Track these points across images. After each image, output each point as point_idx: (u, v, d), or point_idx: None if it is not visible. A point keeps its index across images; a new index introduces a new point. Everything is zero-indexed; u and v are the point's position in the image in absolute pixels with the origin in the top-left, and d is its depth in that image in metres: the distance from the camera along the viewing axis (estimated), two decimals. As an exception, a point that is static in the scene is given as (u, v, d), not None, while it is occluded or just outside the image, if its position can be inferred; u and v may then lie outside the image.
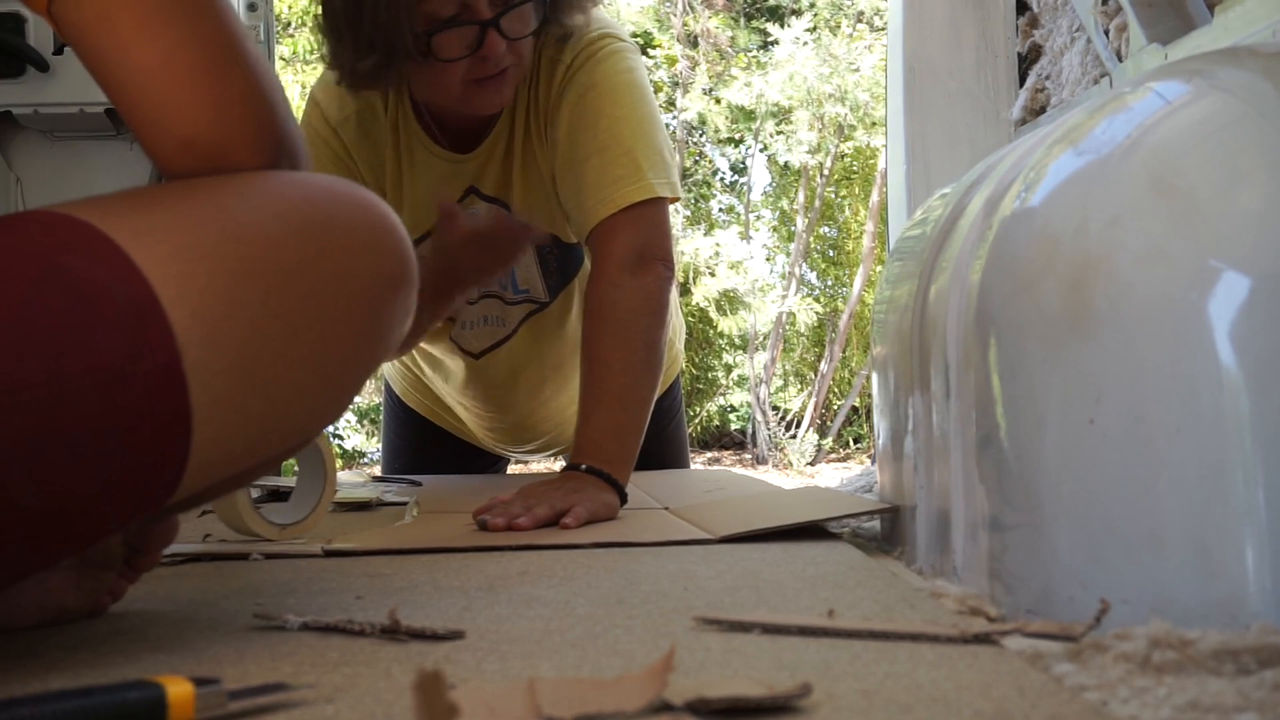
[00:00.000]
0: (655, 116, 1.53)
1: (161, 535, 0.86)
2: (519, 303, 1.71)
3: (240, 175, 0.74)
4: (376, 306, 0.77)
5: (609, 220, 1.46)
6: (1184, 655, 0.61)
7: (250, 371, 0.69)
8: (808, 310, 7.67)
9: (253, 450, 0.73)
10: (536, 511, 1.26)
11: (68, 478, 0.64)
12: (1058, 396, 0.78)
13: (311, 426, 0.78)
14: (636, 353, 1.44)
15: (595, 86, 1.49)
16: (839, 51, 7.15)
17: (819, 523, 1.22)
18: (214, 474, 0.71)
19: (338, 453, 7.13)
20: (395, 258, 0.78)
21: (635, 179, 1.47)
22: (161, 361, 0.64)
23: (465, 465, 2.08)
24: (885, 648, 0.69)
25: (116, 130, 2.28)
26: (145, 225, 0.68)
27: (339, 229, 0.75)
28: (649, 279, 1.46)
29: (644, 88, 1.53)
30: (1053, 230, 0.82)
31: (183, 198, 0.72)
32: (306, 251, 0.73)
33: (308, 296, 0.72)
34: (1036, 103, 1.88)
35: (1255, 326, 0.70)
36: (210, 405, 0.67)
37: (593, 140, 1.48)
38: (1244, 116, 0.76)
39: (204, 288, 0.67)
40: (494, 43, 1.37)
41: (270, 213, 0.73)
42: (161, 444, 0.66)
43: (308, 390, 0.74)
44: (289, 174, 0.77)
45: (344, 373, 0.77)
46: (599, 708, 0.52)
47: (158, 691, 0.54)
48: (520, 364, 1.79)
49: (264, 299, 0.70)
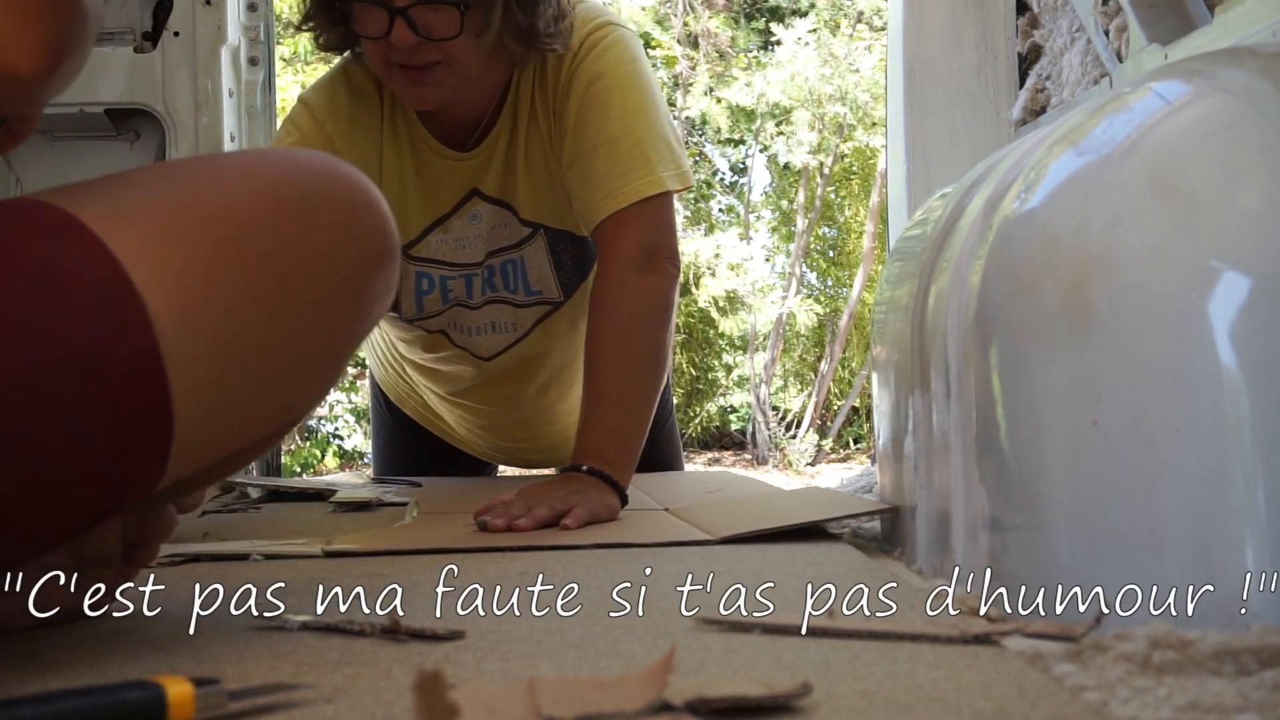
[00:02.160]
0: (661, 105, 1.52)
1: (158, 528, 0.85)
2: (532, 305, 1.69)
3: (216, 155, 0.73)
4: (357, 284, 0.76)
5: (617, 215, 1.46)
6: (1184, 655, 0.61)
7: (230, 354, 0.68)
8: (807, 311, 7.67)
9: (238, 433, 0.73)
10: (537, 512, 1.26)
11: (47, 466, 0.63)
12: (1058, 397, 0.78)
13: (297, 407, 0.77)
14: (640, 354, 1.43)
15: (602, 76, 1.48)
16: (839, 51, 7.16)
17: (819, 523, 1.22)
18: (200, 458, 0.70)
19: (337, 453, 7.13)
20: (376, 233, 0.77)
21: (644, 172, 1.46)
22: (138, 347, 0.64)
23: (455, 472, 2.06)
24: (885, 648, 0.68)
25: (116, 130, 2.28)
26: (118, 209, 0.67)
27: (318, 206, 0.74)
28: (656, 278, 1.45)
29: (649, 77, 1.53)
30: (1053, 230, 0.82)
31: (156, 180, 0.71)
32: (285, 231, 0.72)
33: (287, 277, 0.71)
34: (1036, 103, 1.88)
35: (1255, 326, 0.70)
36: (190, 389, 0.66)
37: (601, 131, 1.47)
38: (1244, 116, 0.76)
39: (180, 271, 0.66)
40: (400, 32, 1.35)
41: (246, 190, 0.72)
42: (142, 430, 0.65)
43: (290, 371, 0.74)
44: (265, 151, 0.76)
45: (326, 352, 0.76)
46: (599, 708, 0.52)
47: (158, 691, 0.54)
48: (532, 363, 1.77)
49: (242, 280, 0.69)
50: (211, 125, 2.20)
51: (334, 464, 7.05)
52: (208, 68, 2.21)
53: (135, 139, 2.28)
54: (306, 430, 7.13)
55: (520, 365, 1.77)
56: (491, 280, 1.66)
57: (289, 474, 5.66)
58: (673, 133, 1.53)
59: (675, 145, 1.51)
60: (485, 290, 1.67)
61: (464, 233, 1.61)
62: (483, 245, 1.62)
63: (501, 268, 1.64)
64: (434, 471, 2.03)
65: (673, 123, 1.57)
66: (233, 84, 2.24)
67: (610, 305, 1.44)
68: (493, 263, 1.64)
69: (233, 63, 2.25)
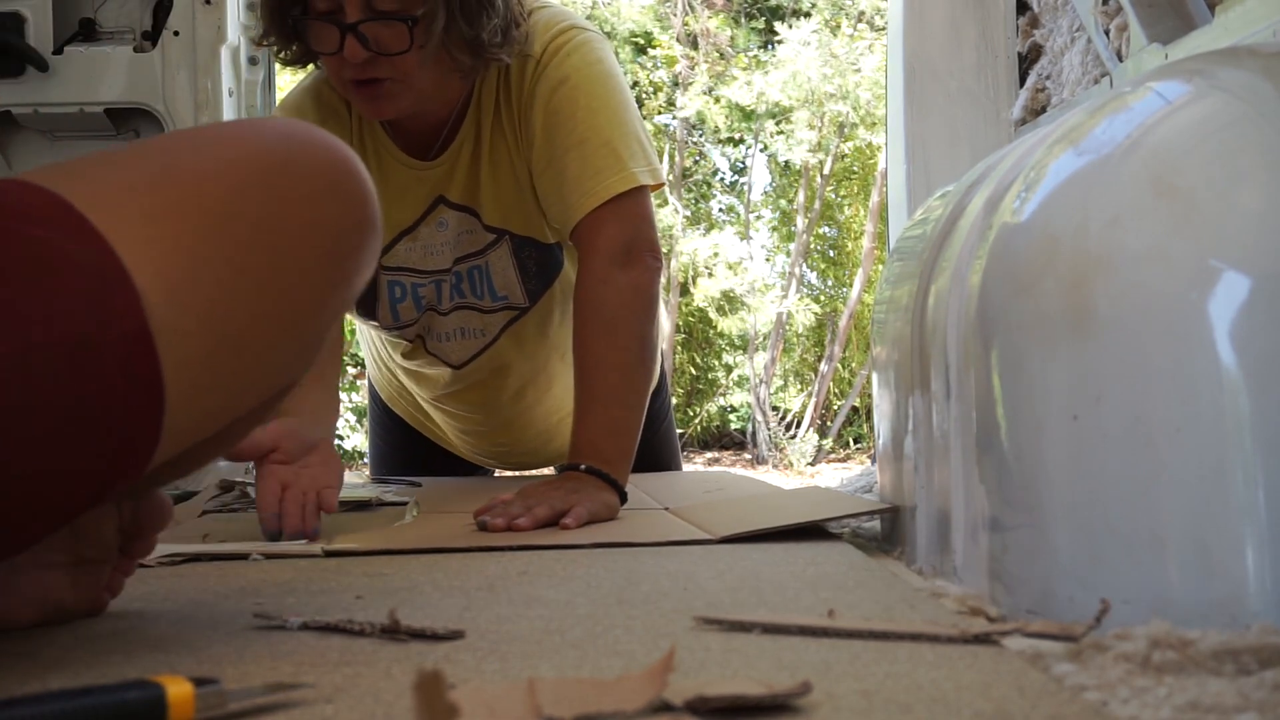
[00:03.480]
0: (630, 103, 1.53)
1: (154, 517, 0.85)
2: (498, 310, 1.69)
3: (198, 128, 0.73)
4: (342, 252, 0.76)
5: (593, 214, 1.46)
6: (1184, 655, 0.61)
7: (219, 329, 0.68)
8: (805, 311, 7.67)
9: (227, 408, 0.73)
10: (536, 512, 1.26)
11: (38, 450, 0.63)
12: (1058, 397, 0.78)
13: (282, 379, 0.77)
14: (629, 349, 1.43)
15: (567, 80, 1.48)
16: (840, 51, 7.16)
17: (819, 523, 1.22)
18: (191, 435, 0.70)
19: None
20: (358, 201, 0.77)
21: (617, 169, 1.46)
22: (129, 327, 0.64)
23: (449, 473, 2.06)
24: (885, 648, 0.68)
25: (116, 130, 2.28)
26: (104, 189, 0.67)
27: (301, 175, 0.74)
28: (638, 272, 1.45)
29: (616, 76, 1.53)
30: (1053, 230, 0.82)
31: (140, 157, 0.71)
32: (269, 201, 0.72)
33: (273, 248, 0.71)
34: (1037, 103, 1.88)
35: (1255, 326, 0.70)
36: (181, 366, 0.66)
37: (570, 134, 1.47)
38: (1244, 116, 0.76)
39: (169, 249, 0.66)
40: (352, 48, 1.37)
41: (228, 161, 0.72)
42: (134, 410, 0.65)
43: (277, 343, 0.74)
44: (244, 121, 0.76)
45: (312, 320, 0.76)
46: (599, 708, 0.52)
47: (157, 691, 0.54)
48: (502, 369, 1.78)
49: (230, 254, 0.69)
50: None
51: (334, 464, 7.04)
52: (207, 67, 2.21)
53: (135, 138, 2.29)
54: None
55: (492, 374, 1.78)
56: (459, 286, 1.66)
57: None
58: (642, 130, 1.53)
59: (645, 142, 1.51)
60: (454, 296, 1.67)
61: (431, 240, 1.62)
62: (450, 251, 1.63)
63: (469, 273, 1.65)
64: (430, 472, 2.03)
65: (641, 121, 1.57)
66: (232, 84, 2.25)
67: (595, 303, 1.44)
68: (460, 269, 1.64)
69: (232, 62, 2.25)
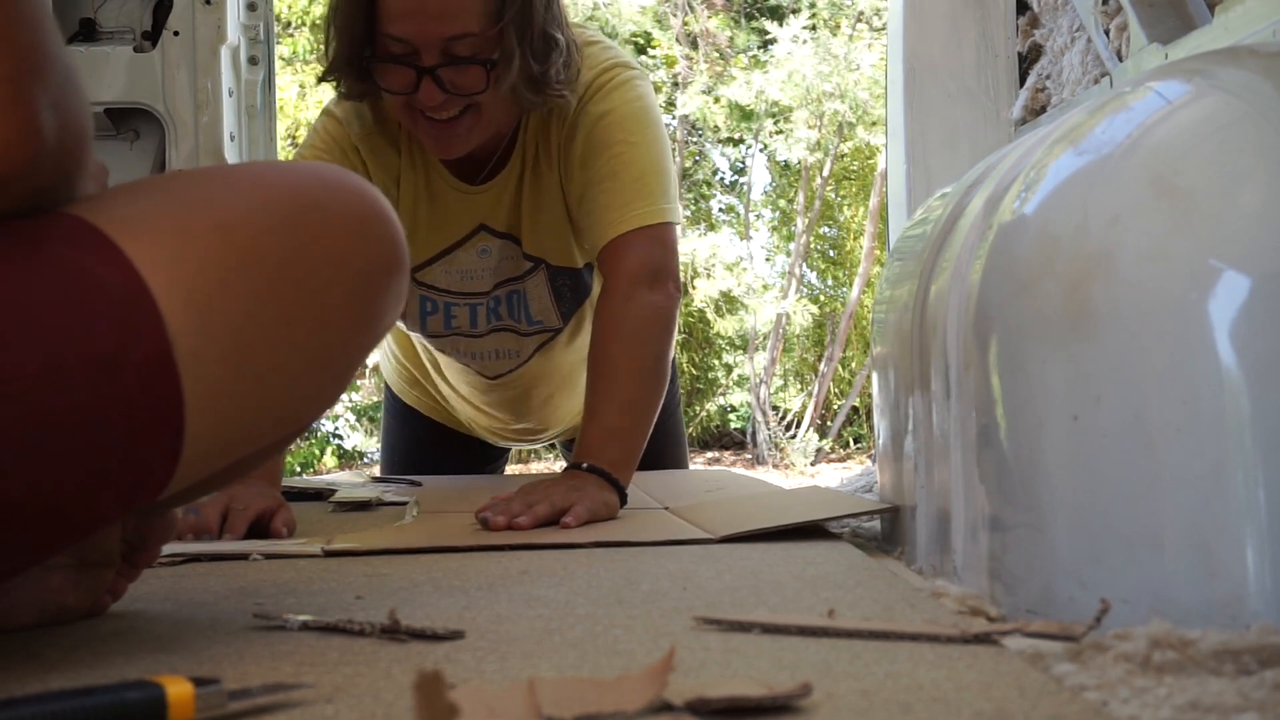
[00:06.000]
0: (664, 143, 1.59)
1: (160, 531, 0.85)
2: (534, 334, 1.76)
3: (227, 165, 0.74)
4: (368, 293, 0.77)
5: (623, 237, 1.50)
6: (1184, 655, 0.61)
7: (243, 359, 0.69)
8: (803, 311, 7.67)
9: (248, 438, 0.73)
10: (537, 509, 1.27)
11: (59, 469, 0.63)
12: (1058, 396, 0.78)
13: (306, 414, 0.78)
14: (644, 362, 1.46)
15: (608, 115, 1.54)
16: (838, 51, 7.15)
17: (819, 523, 1.22)
18: (211, 463, 0.71)
19: (336, 452, 7.13)
20: (386, 243, 0.78)
21: (646, 202, 1.51)
22: (152, 351, 0.64)
23: (464, 458, 2.10)
24: (885, 648, 0.68)
25: (116, 129, 2.28)
26: (132, 215, 0.68)
27: (330, 215, 0.75)
28: (661, 296, 1.49)
29: (654, 114, 1.59)
30: (1053, 230, 0.82)
31: (169, 188, 0.72)
32: (298, 239, 0.72)
33: (299, 284, 0.72)
34: (1037, 103, 1.88)
35: (1255, 326, 0.70)
36: (203, 394, 0.66)
37: (606, 165, 1.52)
38: (1244, 116, 0.76)
39: (195, 275, 0.67)
40: (429, 92, 1.40)
41: (260, 201, 0.72)
42: (154, 433, 0.65)
43: (301, 377, 0.74)
44: (275, 162, 0.76)
45: (336, 359, 0.77)
46: (599, 708, 0.52)
47: (158, 691, 0.54)
48: (534, 381, 1.84)
49: (256, 286, 0.69)
50: (211, 125, 2.20)
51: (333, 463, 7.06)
52: (207, 67, 2.21)
53: (135, 138, 2.28)
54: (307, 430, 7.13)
55: (523, 384, 1.84)
56: (497, 309, 1.72)
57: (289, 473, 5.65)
58: (672, 170, 1.60)
59: (672, 185, 1.57)
60: (491, 319, 1.73)
61: (470, 266, 1.67)
62: (490, 276, 1.68)
63: (508, 298, 1.71)
64: (441, 459, 2.07)
65: (672, 161, 1.64)
66: (232, 83, 2.25)
67: (616, 317, 1.47)
68: (499, 293, 1.70)
69: (232, 62, 2.25)
